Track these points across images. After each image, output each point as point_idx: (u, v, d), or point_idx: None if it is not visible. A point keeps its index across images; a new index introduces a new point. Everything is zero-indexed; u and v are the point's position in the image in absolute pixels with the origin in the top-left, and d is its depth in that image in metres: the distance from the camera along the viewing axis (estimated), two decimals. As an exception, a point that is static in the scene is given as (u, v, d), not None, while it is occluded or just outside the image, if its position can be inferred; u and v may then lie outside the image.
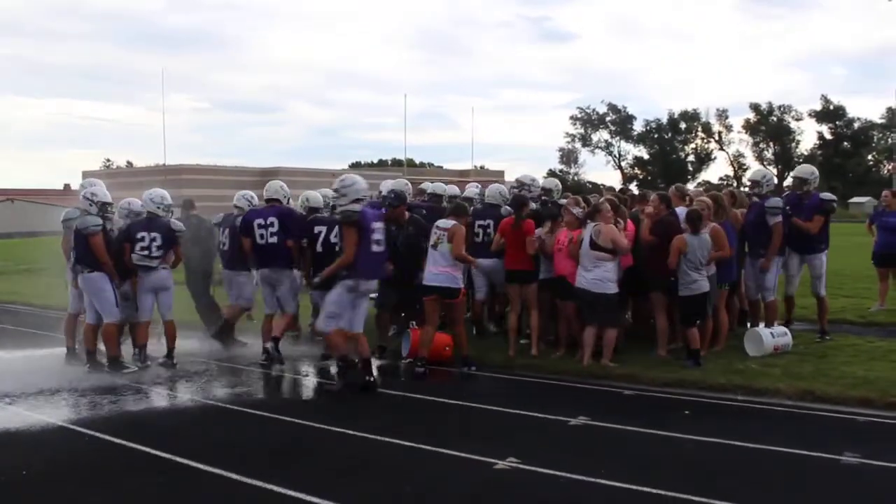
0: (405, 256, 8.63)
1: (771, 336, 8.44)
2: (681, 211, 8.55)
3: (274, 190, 9.43)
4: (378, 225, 7.74)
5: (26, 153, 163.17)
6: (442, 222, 8.41)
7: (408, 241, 8.68)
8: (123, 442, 5.98)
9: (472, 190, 11.15)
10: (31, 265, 24.23)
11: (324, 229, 8.72)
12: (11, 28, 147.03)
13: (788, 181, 9.75)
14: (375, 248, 7.64)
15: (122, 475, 5.32)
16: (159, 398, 7.58)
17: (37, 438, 6.22)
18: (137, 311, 8.89)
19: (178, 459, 5.52)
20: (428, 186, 11.09)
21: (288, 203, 9.51)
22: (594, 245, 8.04)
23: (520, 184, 10.02)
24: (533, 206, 9.29)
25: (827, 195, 9.47)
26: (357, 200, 7.63)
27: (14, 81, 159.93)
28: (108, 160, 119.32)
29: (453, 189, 11.21)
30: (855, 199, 73.20)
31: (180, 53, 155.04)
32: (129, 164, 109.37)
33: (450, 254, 8.19)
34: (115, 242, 8.67)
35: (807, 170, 9.66)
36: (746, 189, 9.89)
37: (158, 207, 8.92)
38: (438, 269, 8.24)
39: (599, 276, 8.02)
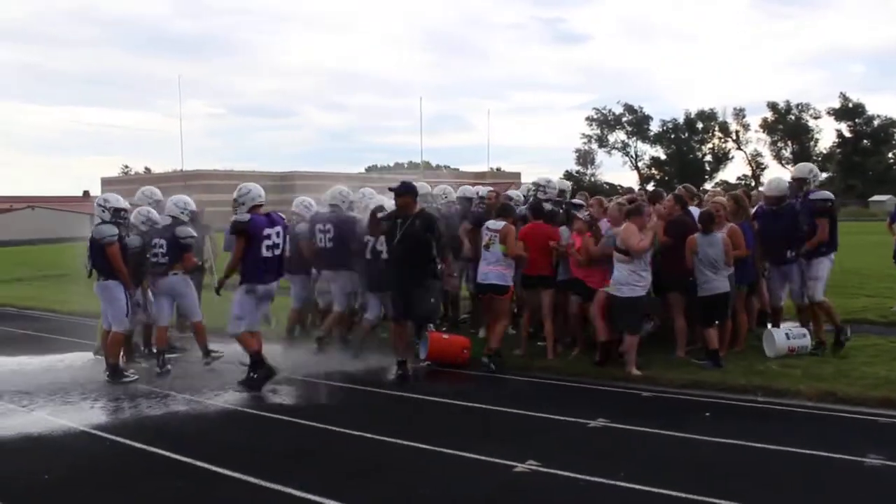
0: (402, 253, 8.07)
1: (786, 337, 8.33)
2: (694, 211, 8.49)
3: (332, 196, 9.71)
4: (272, 230, 7.88)
5: (44, 160, 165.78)
6: (492, 223, 8.67)
7: (411, 233, 8.00)
8: (143, 446, 6.02)
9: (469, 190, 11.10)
10: (52, 271, 24.46)
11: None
12: (25, 35, 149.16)
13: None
14: (267, 252, 7.83)
15: (141, 479, 5.36)
16: (177, 402, 7.61)
17: (58, 443, 6.27)
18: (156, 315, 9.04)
19: (197, 463, 5.55)
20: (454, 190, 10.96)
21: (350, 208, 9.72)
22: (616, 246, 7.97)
23: (536, 186, 9.94)
24: (548, 207, 9.25)
25: (819, 195, 8.52)
26: (255, 207, 7.92)
27: (29, 89, 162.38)
28: (126, 166, 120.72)
29: (480, 189, 11.13)
30: (875, 198, 72.53)
31: (192, 59, 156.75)
32: (147, 170, 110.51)
33: (501, 254, 8.44)
34: (135, 250, 8.75)
35: (804, 169, 8.86)
36: (760, 202, 9.29)
37: (182, 212, 9.07)
38: (489, 269, 8.48)
39: (615, 278, 7.96)
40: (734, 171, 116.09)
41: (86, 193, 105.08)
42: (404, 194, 8.16)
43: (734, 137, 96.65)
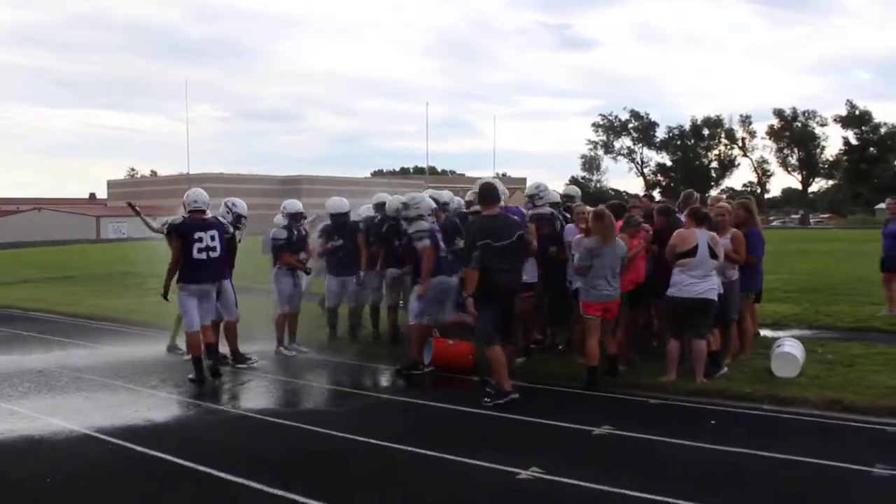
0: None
1: (802, 352, 8.01)
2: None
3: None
4: (204, 234, 8.36)
5: (52, 163, 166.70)
6: None
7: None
8: (146, 450, 5.99)
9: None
10: (57, 273, 24.51)
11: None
12: (36, 40, 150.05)
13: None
14: (198, 255, 8.31)
15: (145, 484, 5.34)
16: (182, 407, 7.60)
17: (61, 446, 6.24)
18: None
19: (201, 468, 5.52)
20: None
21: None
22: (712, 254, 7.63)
23: (529, 196, 9.49)
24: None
25: (537, 212, 8.55)
26: (195, 212, 8.47)
27: (39, 92, 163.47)
28: (133, 169, 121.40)
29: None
30: (882, 205, 72.26)
31: (202, 63, 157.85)
32: (154, 173, 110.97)
33: None
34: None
35: (531, 186, 9.21)
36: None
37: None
38: None
39: (715, 283, 7.66)
40: (740, 178, 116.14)
41: (92, 196, 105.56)
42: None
43: (740, 144, 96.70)
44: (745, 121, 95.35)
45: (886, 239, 11.90)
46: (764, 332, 9.87)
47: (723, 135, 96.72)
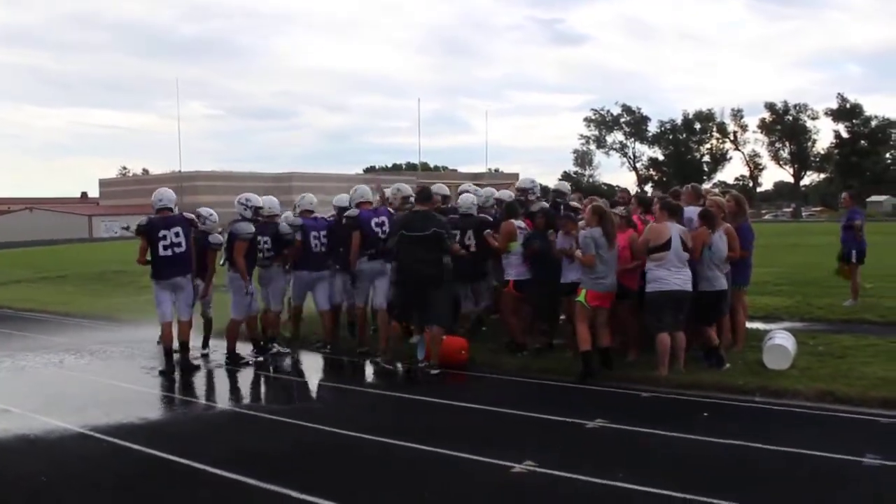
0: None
1: (793, 344, 8.07)
2: (692, 210, 8.35)
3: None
4: (169, 231, 8.63)
5: (44, 162, 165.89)
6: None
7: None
8: (142, 448, 5.99)
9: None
10: (50, 273, 24.44)
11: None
12: (27, 39, 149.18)
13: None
14: (164, 251, 8.62)
15: (141, 482, 5.34)
16: (177, 405, 7.61)
17: (56, 445, 6.25)
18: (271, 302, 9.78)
19: (197, 465, 5.53)
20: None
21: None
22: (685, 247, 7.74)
23: (519, 190, 9.76)
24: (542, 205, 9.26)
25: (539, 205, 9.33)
26: (161, 210, 8.78)
27: (31, 92, 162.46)
28: (125, 168, 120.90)
29: (503, 193, 10.94)
30: (873, 198, 72.66)
31: (194, 62, 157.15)
32: (145, 171, 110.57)
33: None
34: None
35: (528, 179, 9.84)
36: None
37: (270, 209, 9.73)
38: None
39: (689, 275, 7.77)
40: (732, 171, 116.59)
41: (83, 195, 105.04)
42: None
43: (732, 138, 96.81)
44: (737, 114, 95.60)
45: (842, 231, 12.15)
46: (756, 325, 9.92)
47: (714, 129, 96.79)
